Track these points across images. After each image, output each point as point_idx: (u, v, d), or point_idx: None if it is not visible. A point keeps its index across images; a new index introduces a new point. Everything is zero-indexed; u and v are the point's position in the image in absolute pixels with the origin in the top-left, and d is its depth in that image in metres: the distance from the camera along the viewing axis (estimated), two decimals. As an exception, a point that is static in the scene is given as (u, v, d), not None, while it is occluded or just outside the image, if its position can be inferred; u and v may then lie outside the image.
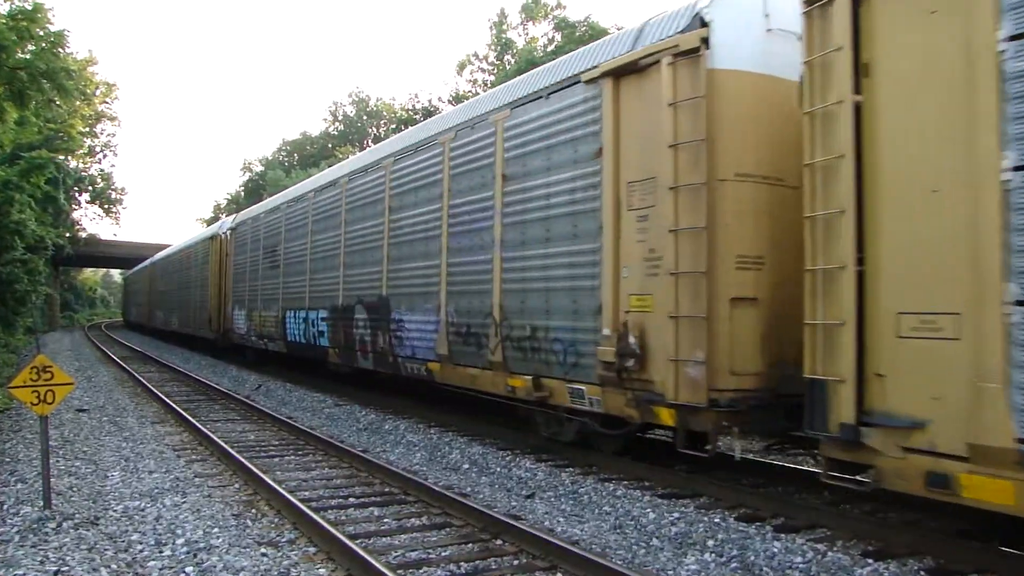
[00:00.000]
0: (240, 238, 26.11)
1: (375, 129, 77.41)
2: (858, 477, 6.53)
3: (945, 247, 5.76)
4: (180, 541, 7.03)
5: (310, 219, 18.94)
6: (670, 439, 9.36)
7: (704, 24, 8.20)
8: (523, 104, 10.82)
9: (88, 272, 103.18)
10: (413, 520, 7.87)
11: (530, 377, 10.28)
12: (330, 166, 35.34)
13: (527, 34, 59.58)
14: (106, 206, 62.34)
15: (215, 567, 6.36)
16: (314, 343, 18.07)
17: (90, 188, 59.69)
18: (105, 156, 61.55)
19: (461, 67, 61.75)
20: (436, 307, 12.53)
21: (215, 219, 73.34)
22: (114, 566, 6.43)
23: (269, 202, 24.53)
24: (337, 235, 17.09)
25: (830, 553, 6.58)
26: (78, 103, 42.60)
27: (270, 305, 21.77)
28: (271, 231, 22.38)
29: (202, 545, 6.91)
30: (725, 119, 8.11)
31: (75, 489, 9.09)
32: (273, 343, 21.66)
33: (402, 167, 14.30)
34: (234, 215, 30.55)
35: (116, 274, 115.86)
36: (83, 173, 56.94)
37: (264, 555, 6.66)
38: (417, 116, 56.09)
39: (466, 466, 10.46)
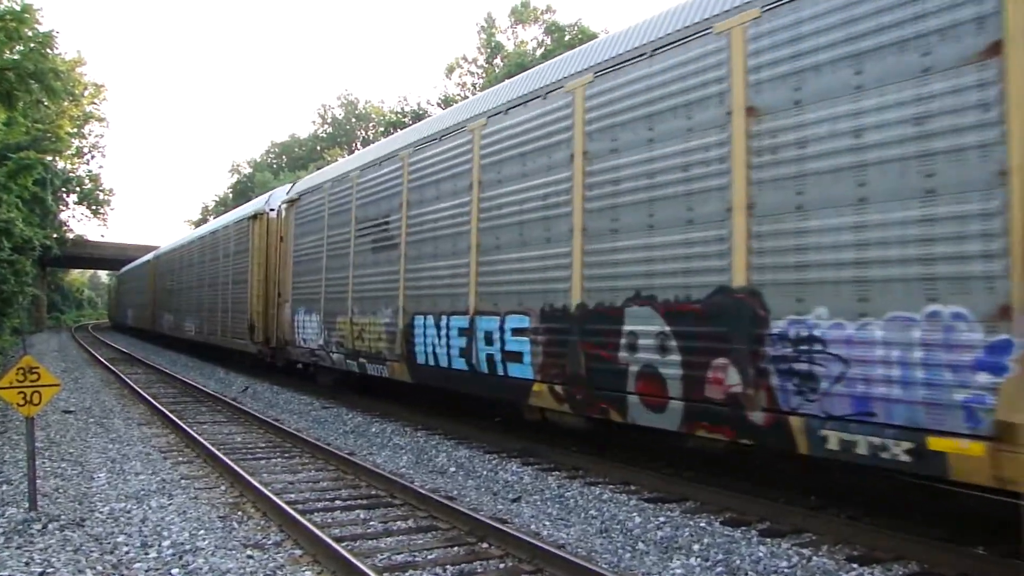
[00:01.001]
0: (306, 213, 18.72)
1: (364, 132, 77.46)
2: None
3: None
4: (166, 543, 7.02)
5: (476, 163, 11.62)
6: None
7: None
8: None
9: (75, 273, 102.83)
10: (399, 523, 7.87)
11: None
12: (319, 168, 34.51)
13: (516, 37, 59.72)
14: (93, 207, 62.09)
15: (201, 569, 6.35)
16: (494, 372, 11.04)
17: (78, 189, 59.43)
18: (93, 157, 61.35)
19: (450, 70, 61.89)
20: None
21: (203, 221, 73.12)
22: (100, 568, 6.42)
23: (371, 151, 16.50)
24: (561, 180, 9.83)
25: (815, 558, 6.62)
26: (66, 104, 42.56)
27: (374, 307, 14.58)
28: (375, 193, 14.98)
29: (188, 547, 6.90)
30: None
31: (61, 490, 9.06)
32: (380, 366, 14.30)
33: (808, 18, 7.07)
34: (289, 184, 23.30)
35: (103, 275, 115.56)
36: (71, 174, 56.71)
37: (250, 557, 6.66)
38: (406, 119, 56.08)
39: (452, 469, 10.47)
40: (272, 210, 21.53)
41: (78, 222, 66.31)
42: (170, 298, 36.65)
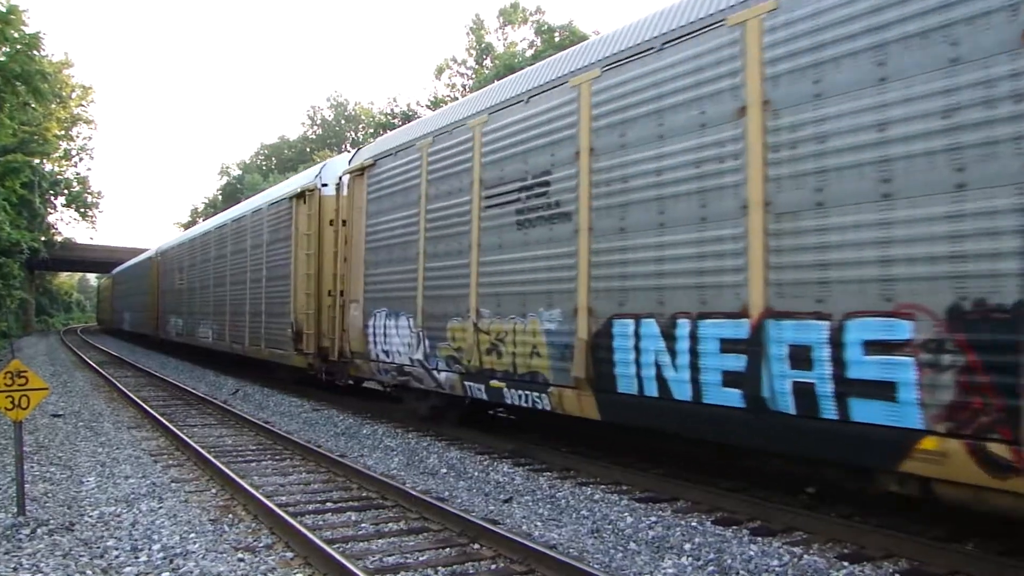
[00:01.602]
0: (387, 182, 13.88)
1: (353, 133, 77.40)
2: None
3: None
4: (156, 547, 6.99)
5: (753, 70, 7.48)
6: None
7: None
8: None
9: (64, 276, 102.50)
10: (391, 525, 7.85)
11: None
12: (307, 169, 34.06)
13: (506, 38, 59.77)
14: (82, 210, 62.01)
15: (192, 572, 6.33)
16: (813, 414, 6.79)
17: (66, 192, 59.33)
18: (81, 159, 61.27)
19: (439, 71, 61.90)
20: None
21: (192, 223, 72.89)
22: (89, 572, 6.39)
23: (509, 84, 11.49)
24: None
25: (806, 556, 6.63)
26: (53, 106, 42.42)
27: (524, 306, 10.22)
28: (521, 143, 10.45)
29: (179, 551, 6.87)
30: None
31: (50, 495, 9.01)
32: (534, 393, 10.02)
33: None
34: (352, 151, 18.13)
35: (92, 278, 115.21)
36: (59, 176, 56.57)
37: (241, 560, 6.63)
38: (395, 120, 56.05)
39: (443, 470, 10.46)
40: (326, 185, 17.25)
41: (66, 225, 66.44)
42: (179, 299, 31.45)
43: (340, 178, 16.29)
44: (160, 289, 36.33)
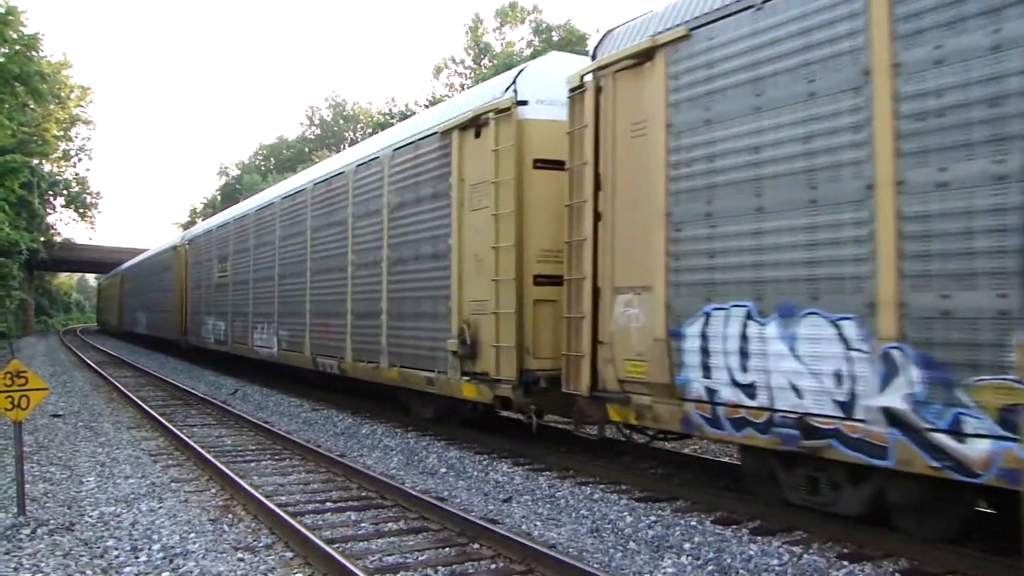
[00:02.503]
0: (723, 64, 7.60)
1: (352, 133, 77.38)
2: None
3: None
4: (156, 547, 6.99)
5: None
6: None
7: None
8: None
9: (63, 277, 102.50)
10: (390, 524, 7.86)
11: None
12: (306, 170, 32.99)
13: (503, 38, 59.76)
14: (81, 210, 61.89)
15: (192, 572, 6.33)
16: None
17: (65, 192, 59.25)
18: (80, 160, 61.05)
19: (437, 71, 61.89)
20: None
21: (191, 223, 72.78)
22: (89, 572, 6.40)
23: None
24: None
25: (806, 556, 6.63)
26: (52, 106, 42.39)
27: None
28: None
29: (178, 550, 6.88)
30: None
31: (50, 495, 9.02)
32: None
33: None
34: (597, 36, 11.57)
35: (91, 278, 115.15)
36: (58, 177, 56.52)
37: (241, 560, 6.64)
38: (393, 120, 56.07)
39: (443, 470, 10.46)
40: (524, 103, 10.77)
41: (65, 225, 66.26)
42: (219, 295, 25.04)
43: (581, 79, 9.62)
44: (188, 284, 29.53)
